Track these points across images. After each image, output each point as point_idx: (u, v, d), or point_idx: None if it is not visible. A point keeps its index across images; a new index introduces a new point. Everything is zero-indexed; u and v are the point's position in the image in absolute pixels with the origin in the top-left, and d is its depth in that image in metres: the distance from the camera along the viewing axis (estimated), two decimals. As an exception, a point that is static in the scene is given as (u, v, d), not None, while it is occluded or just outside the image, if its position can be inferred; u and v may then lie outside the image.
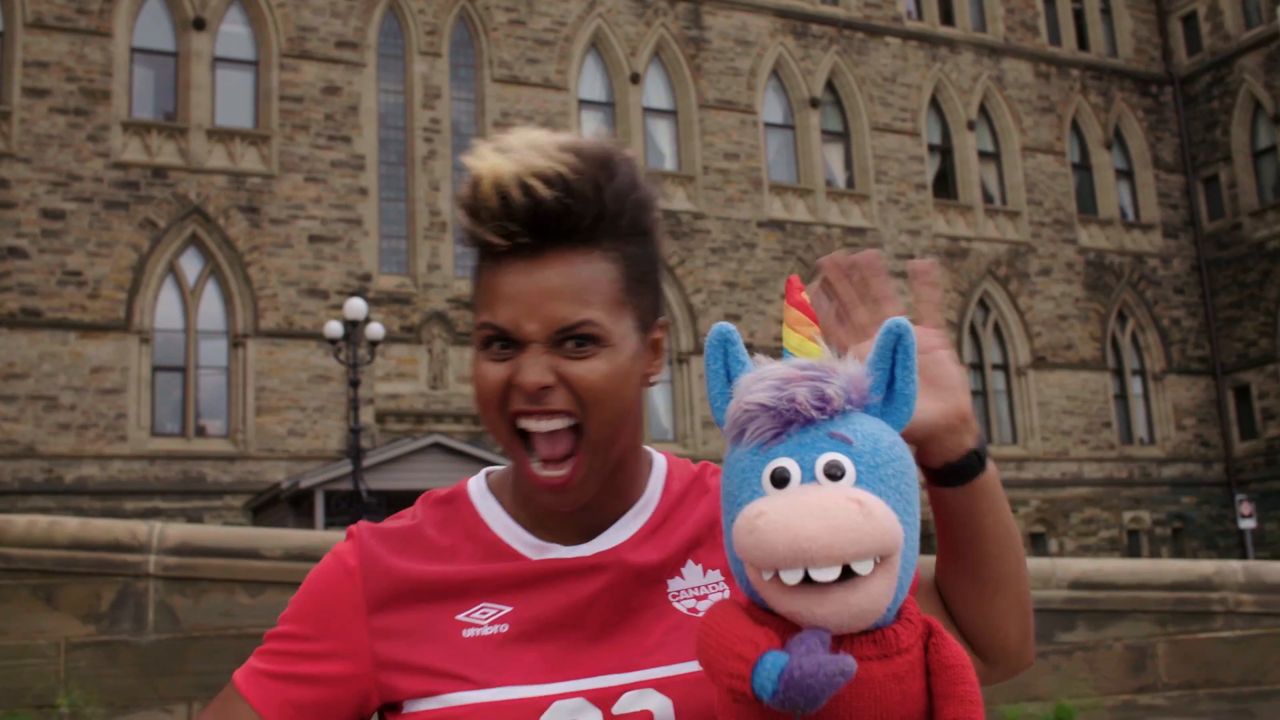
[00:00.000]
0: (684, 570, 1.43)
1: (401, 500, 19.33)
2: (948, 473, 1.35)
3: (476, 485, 1.50)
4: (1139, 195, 38.67)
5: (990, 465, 1.37)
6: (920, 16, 36.10)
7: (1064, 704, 7.06)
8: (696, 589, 1.43)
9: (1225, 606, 7.66)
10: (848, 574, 1.09)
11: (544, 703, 1.33)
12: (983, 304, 34.90)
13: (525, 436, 1.35)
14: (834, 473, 1.13)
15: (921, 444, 1.33)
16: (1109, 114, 38.47)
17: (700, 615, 1.39)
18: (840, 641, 1.13)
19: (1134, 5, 39.97)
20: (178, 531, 7.21)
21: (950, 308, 33.98)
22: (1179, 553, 34.88)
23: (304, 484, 22.05)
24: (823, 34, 34.15)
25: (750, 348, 1.27)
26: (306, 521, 22.15)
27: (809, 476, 1.14)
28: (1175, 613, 7.62)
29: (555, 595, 1.39)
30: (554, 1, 30.81)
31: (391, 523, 1.49)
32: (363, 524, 1.50)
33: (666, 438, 29.65)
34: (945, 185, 35.48)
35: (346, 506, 21.30)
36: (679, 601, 1.41)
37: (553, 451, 1.35)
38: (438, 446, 22.96)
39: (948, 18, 36.49)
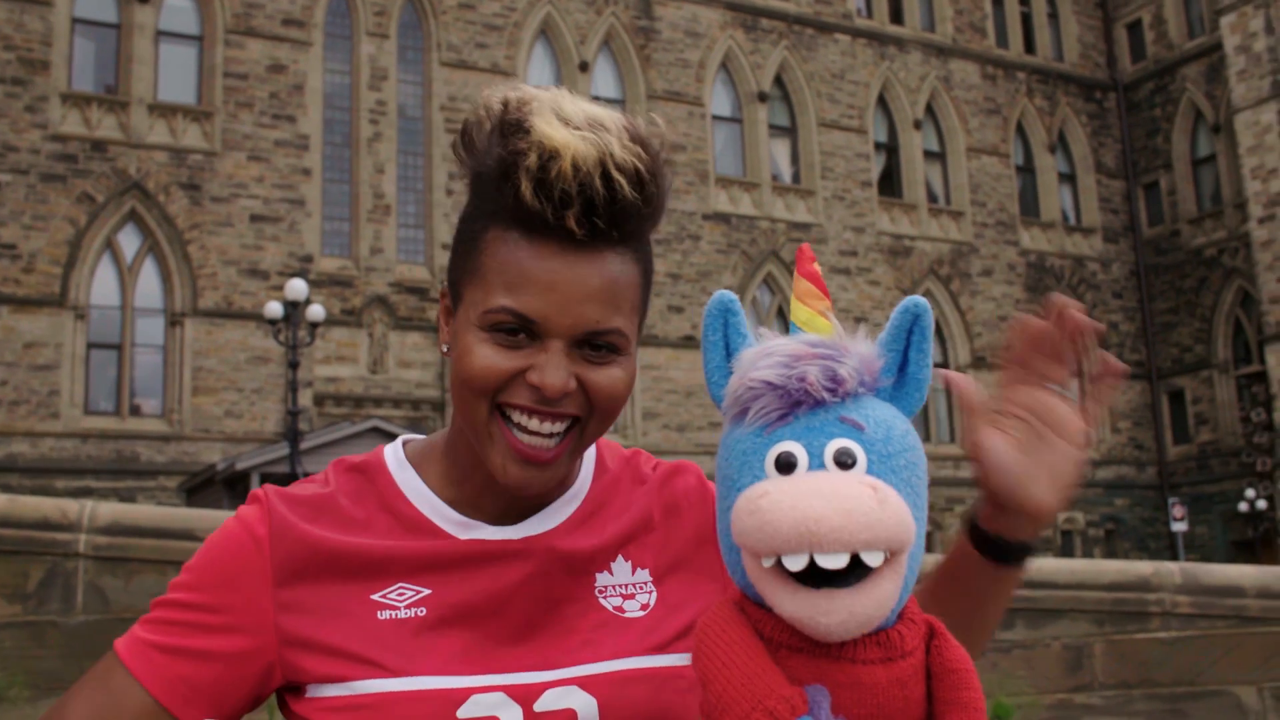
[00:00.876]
0: (613, 566, 1.37)
1: (338, 484, 19.17)
2: (1011, 550, 1.28)
3: (394, 455, 1.40)
4: (1080, 199, 39.09)
5: None
6: (870, 15, 36.26)
7: (1002, 702, 7.09)
8: (624, 587, 1.36)
9: (1162, 607, 7.72)
10: (855, 568, 0.99)
11: (461, 695, 1.25)
12: (924, 303, 35.10)
13: (503, 414, 1.26)
14: (845, 460, 1.04)
15: (1013, 520, 1.26)
16: (1053, 118, 38.84)
17: (627, 616, 1.34)
18: (844, 645, 1.05)
19: (1080, 11, 40.37)
20: (109, 510, 7.07)
21: (892, 306, 34.11)
22: (1111, 554, 35.32)
23: (240, 466, 21.82)
24: (772, 29, 34.20)
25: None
26: (241, 504, 21.89)
27: (817, 463, 1.04)
28: (1113, 613, 7.67)
29: (478, 580, 1.30)
30: (505, -13, 30.66)
31: (302, 488, 1.38)
32: (270, 488, 1.38)
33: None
34: (890, 183, 35.67)
35: (282, 490, 21.08)
36: (605, 598, 1.35)
37: (545, 437, 1.27)
38: (376, 431, 22.79)
39: (897, 17, 36.68)
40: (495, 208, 1.25)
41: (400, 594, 1.29)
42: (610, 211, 1.20)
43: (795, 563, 0.99)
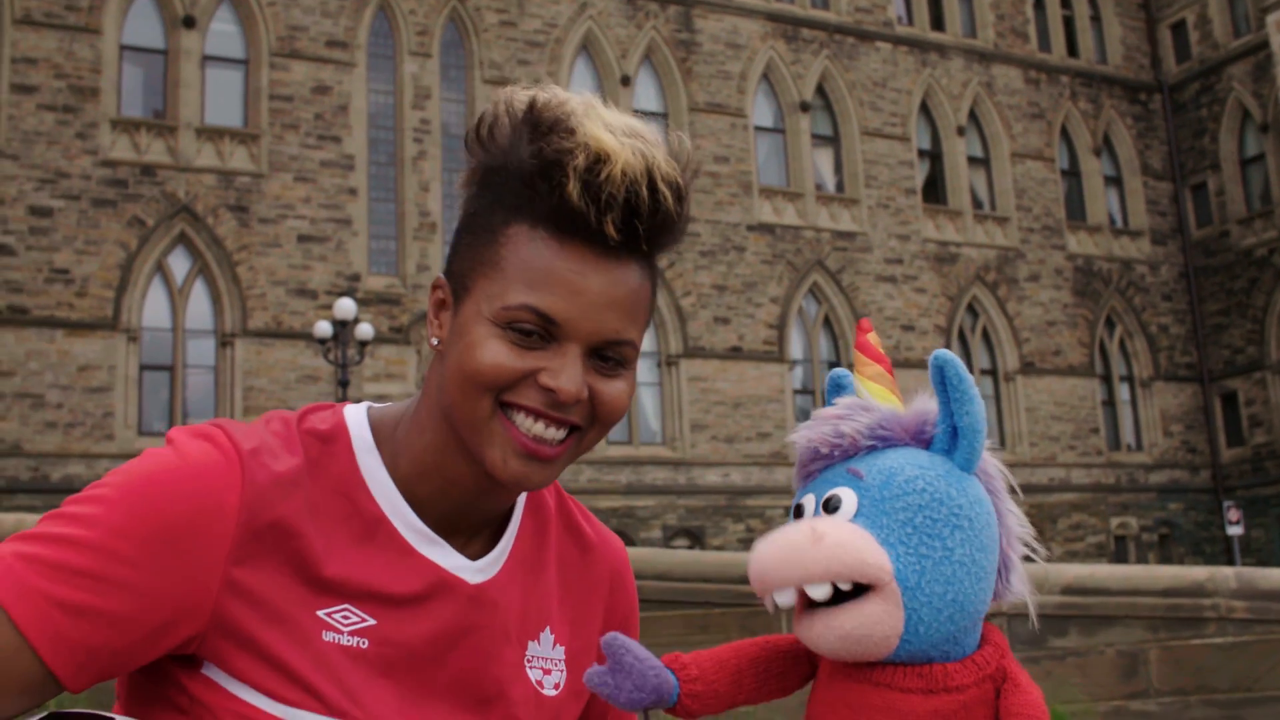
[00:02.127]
0: (541, 635, 1.34)
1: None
2: None
3: (359, 432, 1.29)
4: (1127, 202, 38.76)
5: None
6: (911, 22, 36.16)
7: (1056, 709, 7.05)
8: (545, 660, 1.34)
9: (1217, 613, 7.66)
10: (841, 598, 1.14)
11: None
12: (971, 309, 34.94)
13: (507, 414, 1.22)
14: (830, 505, 1.18)
15: None
16: (1098, 121, 38.56)
17: (545, 694, 1.32)
18: (883, 671, 1.16)
19: (1123, 13, 40.08)
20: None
21: (939, 313, 34.01)
22: (1166, 559, 34.96)
23: (291, 484, 21.97)
24: (813, 38, 34.17)
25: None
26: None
27: (818, 510, 1.19)
28: (1167, 619, 7.62)
29: (427, 619, 1.24)
30: (545, 3, 30.79)
31: (275, 454, 1.23)
32: (232, 433, 1.22)
33: (655, 440, 29.62)
34: (935, 190, 35.52)
35: (334, 507, 21.21)
36: (530, 667, 1.32)
37: (554, 434, 1.23)
38: (426, 448, 22.89)
39: (938, 23, 36.55)
40: (521, 203, 1.21)
41: (345, 617, 1.21)
42: (652, 222, 1.20)
43: (782, 599, 1.16)
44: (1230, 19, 38.53)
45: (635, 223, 1.19)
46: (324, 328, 21.26)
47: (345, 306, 20.98)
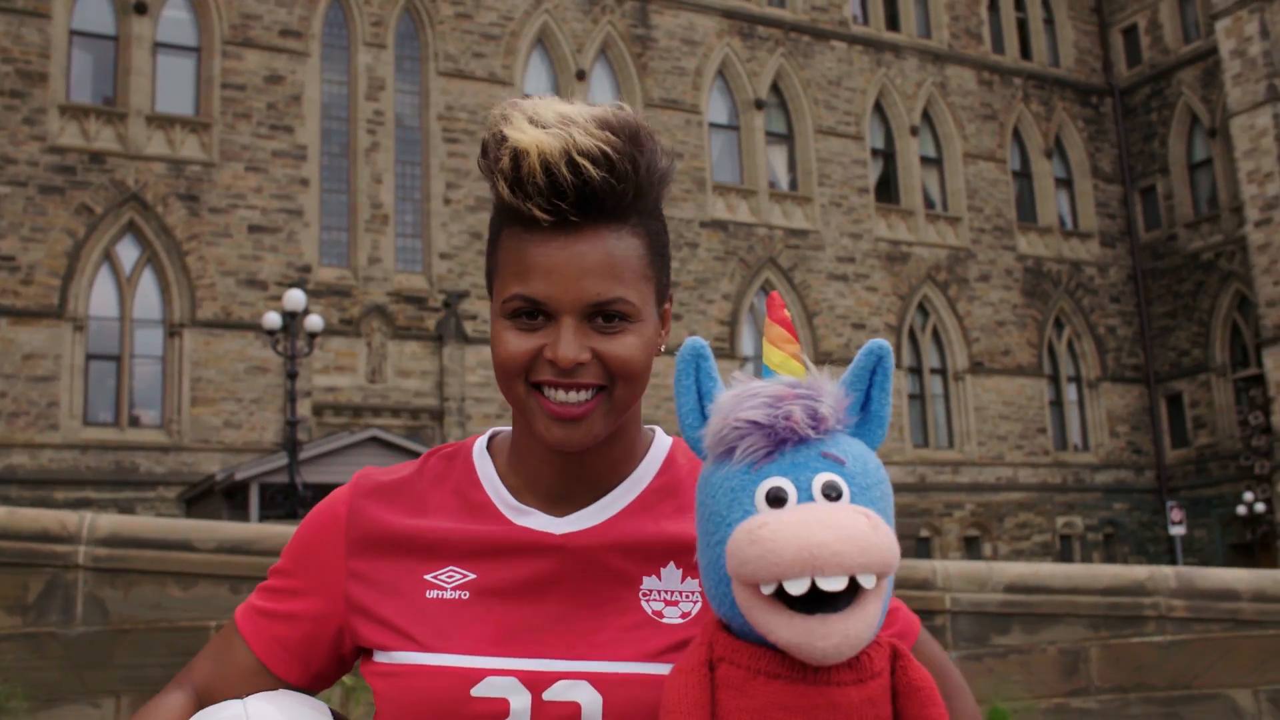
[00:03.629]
0: (663, 571, 1.40)
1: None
2: None
3: (479, 444, 1.53)
4: (1078, 204, 39.12)
5: None
6: (866, 21, 36.31)
7: (998, 706, 7.11)
8: (669, 593, 1.39)
9: (1157, 611, 7.75)
10: (851, 591, 1.08)
11: (478, 675, 1.34)
12: (922, 308, 35.15)
13: (540, 390, 1.37)
14: (831, 494, 1.13)
15: None
16: (1050, 123, 38.88)
17: (665, 622, 1.37)
18: (819, 669, 1.12)
19: (1076, 16, 40.43)
20: (108, 522, 7.09)
21: (890, 311, 34.19)
22: (1110, 558, 35.33)
23: (239, 476, 21.82)
24: (769, 36, 34.25)
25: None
26: (241, 514, 21.93)
27: (805, 496, 1.13)
28: (1108, 617, 7.70)
29: (520, 568, 1.40)
30: (501, -4, 30.70)
31: (393, 472, 1.52)
32: (369, 471, 1.54)
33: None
34: (887, 189, 35.71)
35: (282, 500, 21.10)
36: (648, 601, 1.39)
37: (576, 396, 1.37)
38: (375, 440, 22.80)
39: (893, 23, 36.73)
40: (498, 212, 1.39)
41: (450, 576, 1.41)
42: (580, 194, 1.31)
43: (797, 587, 1.07)
44: (1181, 24, 38.95)
45: (562, 200, 1.31)
46: (273, 319, 21.11)
47: (295, 298, 20.83)
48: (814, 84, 34.61)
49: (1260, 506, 33.99)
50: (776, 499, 1.13)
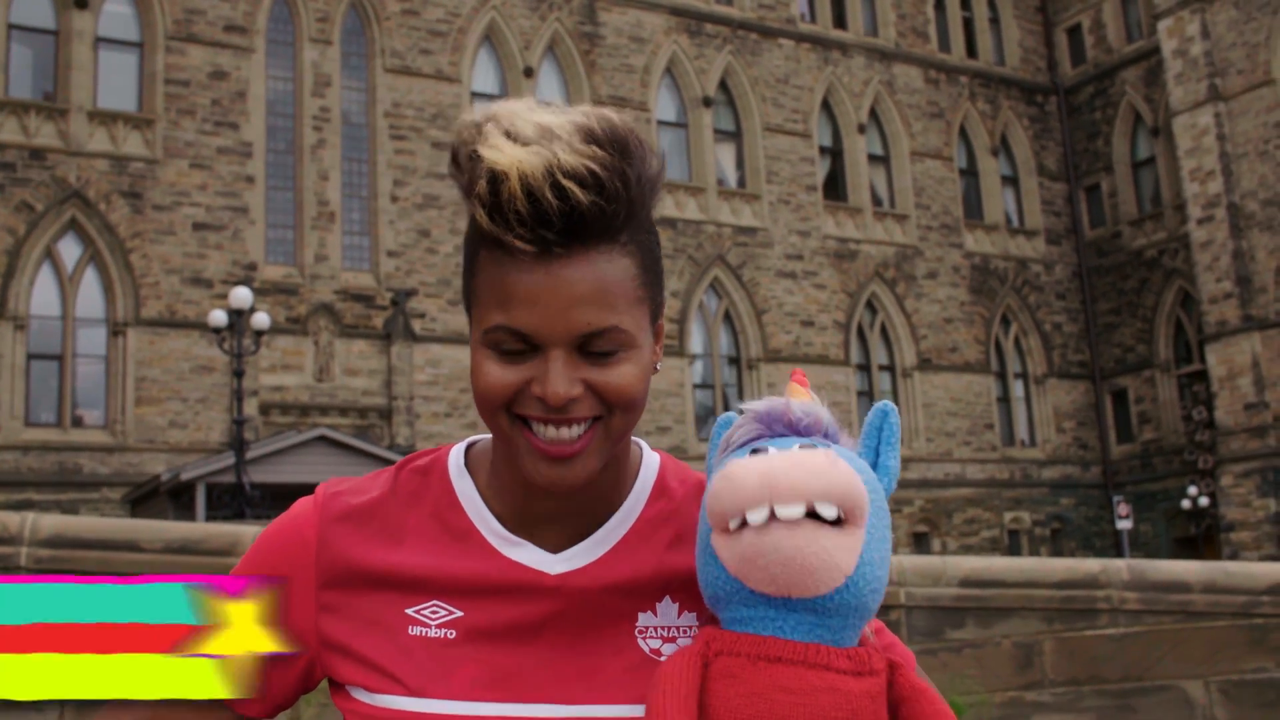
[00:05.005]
0: (659, 606, 1.34)
1: (286, 495, 18.97)
2: None
3: (456, 460, 1.41)
4: (1024, 202, 39.45)
5: None
6: (813, 19, 36.43)
7: (953, 700, 7.11)
8: (666, 629, 1.34)
9: (1110, 604, 7.78)
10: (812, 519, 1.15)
11: None
12: (870, 306, 35.31)
13: (526, 424, 1.26)
14: (810, 449, 1.20)
15: None
16: (996, 121, 39.18)
17: (663, 660, 1.31)
18: (819, 653, 1.17)
19: (1021, 16, 40.76)
20: (51, 523, 6.95)
21: (838, 309, 34.31)
22: (1057, 552, 35.66)
23: (185, 476, 21.60)
24: (717, 34, 34.29)
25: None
26: (187, 514, 21.70)
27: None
28: (1062, 610, 7.73)
29: (512, 608, 1.30)
30: (448, -8, 30.56)
31: (362, 492, 1.39)
32: (332, 487, 1.41)
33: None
34: (835, 187, 35.84)
35: (229, 499, 20.90)
36: (645, 639, 1.33)
37: (568, 434, 1.26)
38: (323, 440, 22.65)
39: (840, 21, 36.87)
40: (476, 231, 1.25)
41: (434, 612, 1.31)
42: (567, 220, 1.18)
43: (757, 515, 1.14)
44: (1124, 24, 39.35)
45: (547, 229, 1.19)
46: (219, 317, 20.90)
47: (241, 295, 20.66)
48: (762, 82, 34.68)
49: (1204, 500, 34.40)
50: (756, 451, 1.20)
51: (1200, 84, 35.13)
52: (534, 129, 1.20)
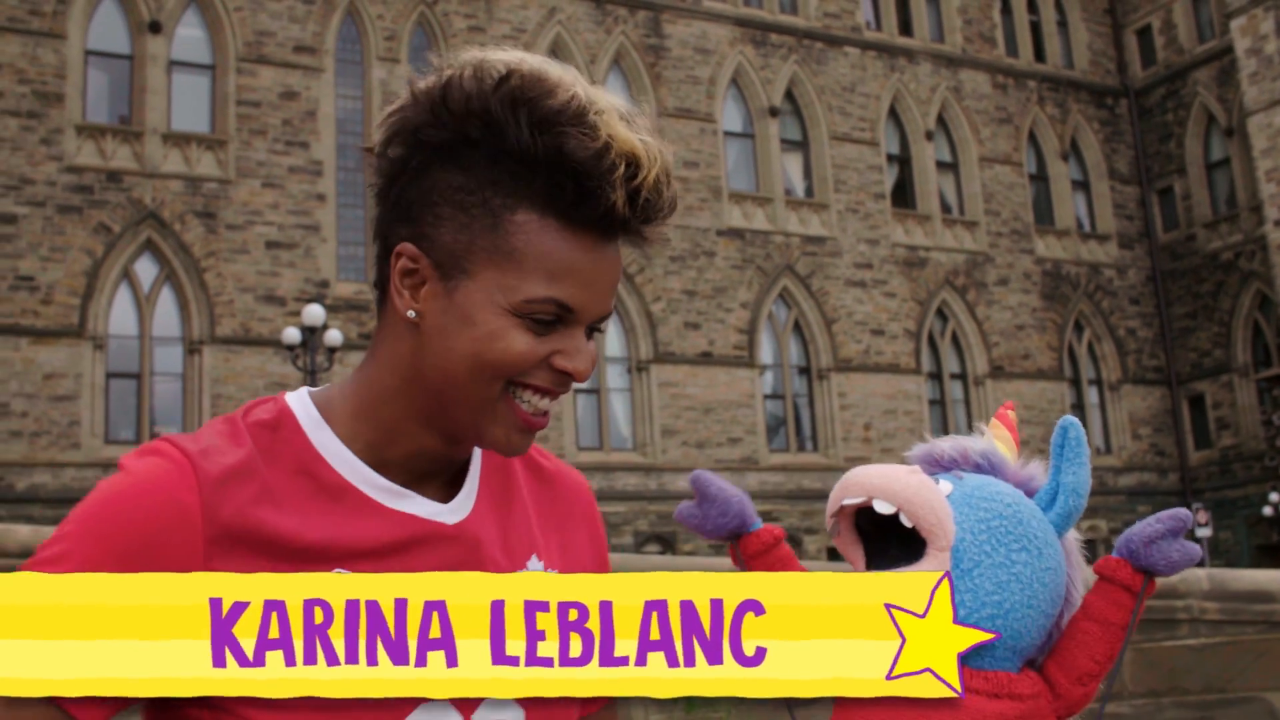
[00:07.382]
0: (528, 563, 1.34)
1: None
2: None
3: (304, 410, 1.29)
4: (1095, 206, 38.98)
5: None
6: (879, 27, 36.26)
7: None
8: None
9: (1190, 614, 7.67)
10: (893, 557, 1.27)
11: (408, 705, 1.17)
12: (940, 313, 35.04)
13: (514, 396, 1.24)
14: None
15: None
16: (1065, 125, 38.76)
17: None
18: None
19: (1089, 18, 40.32)
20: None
21: (908, 317, 34.09)
22: (1134, 561, 35.11)
23: (260, 492, 21.81)
24: (782, 43, 34.22)
25: None
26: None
27: None
28: (1141, 620, 7.62)
29: (418, 561, 1.23)
30: (513, 8, 30.75)
31: (225, 450, 1.23)
32: (190, 443, 1.24)
33: (626, 446, 29.58)
34: (903, 195, 35.62)
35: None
36: None
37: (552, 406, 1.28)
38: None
39: (906, 28, 36.67)
40: (524, 189, 1.21)
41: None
42: (669, 215, 1.26)
43: (833, 508, 1.30)
44: (1195, 24, 38.80)
45: (655, 218, 1.25)
46: (292, 334, 21.13)
47: (314, 313, 20.86)
48: (828, 90, 34.56)
49: (1285, 507, 33.78)
50: None
51: (1275, 83, 34.55)
52: (645, 122, 1.27)
